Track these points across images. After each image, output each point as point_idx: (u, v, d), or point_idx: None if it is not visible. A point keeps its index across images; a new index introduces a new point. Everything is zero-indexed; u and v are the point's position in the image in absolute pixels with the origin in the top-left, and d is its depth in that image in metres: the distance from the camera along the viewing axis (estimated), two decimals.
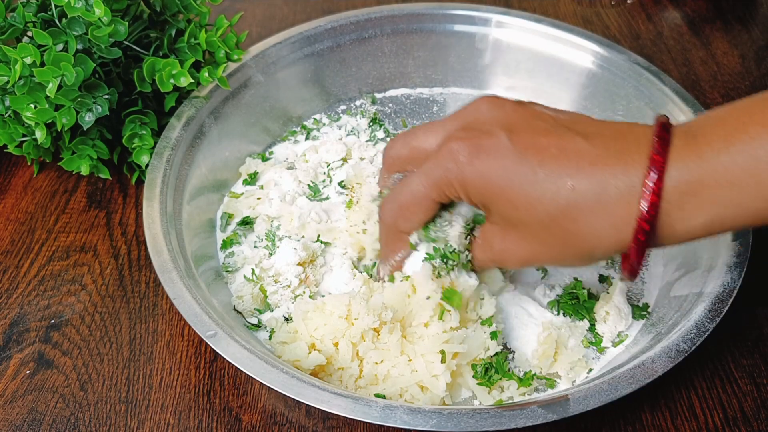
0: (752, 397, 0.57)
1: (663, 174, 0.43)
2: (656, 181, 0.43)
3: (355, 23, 0.79)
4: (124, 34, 0.65)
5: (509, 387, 0.55)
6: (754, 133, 0.41)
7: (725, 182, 0.42)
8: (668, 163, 0.43)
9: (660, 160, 0.43)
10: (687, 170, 0.43)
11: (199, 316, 0.53)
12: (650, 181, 0.43)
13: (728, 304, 0.54)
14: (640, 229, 0.44)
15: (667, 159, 0.43)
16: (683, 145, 0.43)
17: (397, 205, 0.54)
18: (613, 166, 0.44)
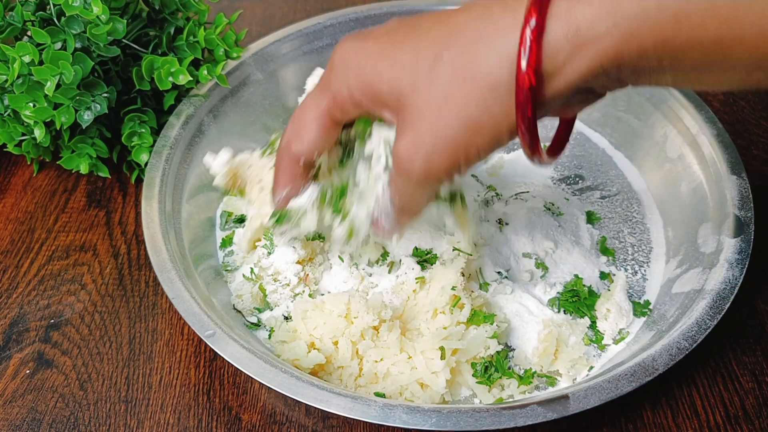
0: (754, 394, 0.56)
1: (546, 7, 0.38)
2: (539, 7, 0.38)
3: (354, 20, 0.79)
4: (123, 32, 0.65)
5: (509, 385, 0.55)
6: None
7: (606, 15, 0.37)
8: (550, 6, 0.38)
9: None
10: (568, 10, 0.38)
11: (198, 316, 0.52)
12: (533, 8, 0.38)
13: (730, 301, 0.54)
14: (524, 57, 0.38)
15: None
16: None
17: (292, 125, 0.50)
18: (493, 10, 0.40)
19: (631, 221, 0.69)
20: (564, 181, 0.72)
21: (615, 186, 0.72)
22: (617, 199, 0.71)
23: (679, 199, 0.66)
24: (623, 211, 0.69)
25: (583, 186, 0.72)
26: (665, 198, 0.68)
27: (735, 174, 0.62)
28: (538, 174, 0.73)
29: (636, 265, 0.65)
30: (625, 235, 0.67)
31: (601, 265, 0.64)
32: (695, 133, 0.66)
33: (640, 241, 0.67)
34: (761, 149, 0.75)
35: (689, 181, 0.66)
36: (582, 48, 0.38)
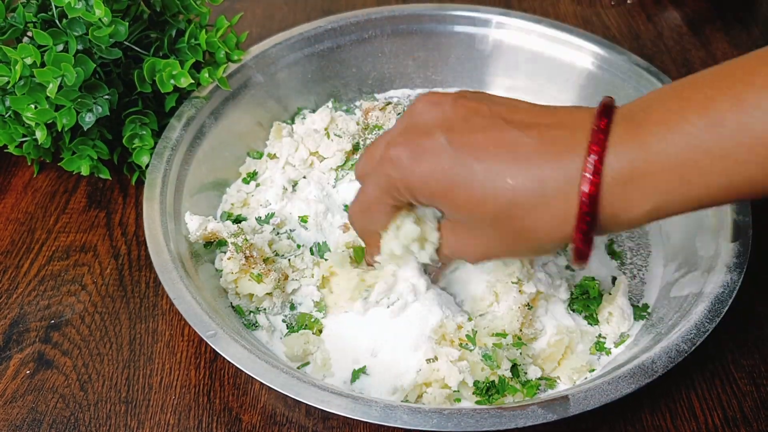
0: (752, 397, 0.57)
1: (602, 158, 0.41)
2: (595, 165, 0.41)
3: (355, 24, 0.79)
4: (125, 34, 0.65)
5: (514, 396, 0.55)
6: (694, 119, 0.40)
7: (666, 169, 0.41)
8: (608, 149, 0.42)
9: (599, 145, 0.42)
10: (627, 156, 0.41)
11: (200, 316, 0.53)
12: (590, 166, 0.42)
13: (728, 304, 0.54)
14: (581, 219, 0.43)
15: (607, 144, 0.42)
16: (623, 131, 0.42)
17: (359, 209, 0.55)
18: (551, 158, 0.43)
19: None
20: None
21: None
22: None
23: None
24: None
25: None
26: None
27: None
28: None
29: (635, 269, 0.65)
30: (623, 238, 0.68)
31: (613, 270, 0.65)
32: None
33: (639, 245, 0.67)
34: None
35: None
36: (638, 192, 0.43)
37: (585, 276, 0.62)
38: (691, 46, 0.92)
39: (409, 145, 0.48)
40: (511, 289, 0.58)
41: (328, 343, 0.58)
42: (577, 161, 0.42)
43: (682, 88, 0.42)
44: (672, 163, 0.41)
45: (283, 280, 0.60)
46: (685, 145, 0.40)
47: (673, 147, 0.40)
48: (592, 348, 0.59)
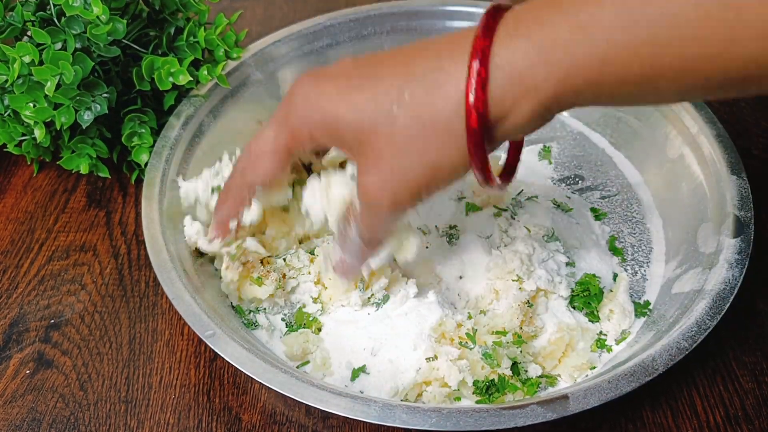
0: (754, 395, 0.56)
1: (487, 56, 0.41)
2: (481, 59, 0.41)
3: (354, 21, 0.79)
4: (123, 32, 0.65)
5: (514, 394, 0.55)
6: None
7: (556, 47, 0.40)
8: (493, 46, 0.41)
9: (482, 43, 0.41)
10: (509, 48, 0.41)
11: (198, 316, 0.53)
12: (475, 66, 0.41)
13: (729, 301, 0.54)
14: (471, 113, 0.41)
15: (493, 40, 0.41)
16: (510, 28, 0.41)
17: (246, 155, 0.53)
18: (445, 49, 0.43)
19: (631, 221, 0.69)
20: (564, 182, 0.72)
21: (615, 186, 0.72)
22: (617, 199, 0.71)
23: (678, 199, 0.66)
24: (623, 212, 0.69)
25: (583, 186, 0.72)
26: (665, 198, 0.69)
27: (735, 174, 0.62)
28: (538, 174, 0.73)
29: (636, 266, 0.65)
30: (625, 235, 0.67)
31: (615, 267, 0.64)
32: (695, 134, 0.66)
33: (640, 241, 0.67)
34: (761, 149, 0.75)
35: (689, 181, 0.66)
36: (525, 95, 0.41)
37: (586, 273, 0.62)
38: None
39: (314, 72, 0.49)
40: (511, 286, 0.58)
41: (328, 342, 0.58)
42: (464, 64, 0.42)
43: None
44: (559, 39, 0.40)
45: (282, 279, 0.60)
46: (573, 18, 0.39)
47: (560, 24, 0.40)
48: (593, 345, 0.59)
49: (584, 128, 0.77)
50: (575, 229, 0.65)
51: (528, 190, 0.68)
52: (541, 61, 0.40)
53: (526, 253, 0.60)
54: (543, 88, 0.41)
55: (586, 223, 0.67)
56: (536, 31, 0.40)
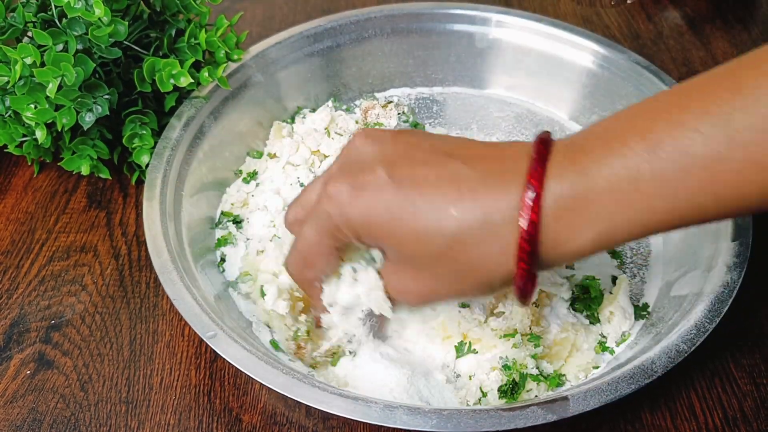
0: (752, 396, 0.57)
1: (541, 190, 0.41)
2: (534, 198, 0.41)
3: (355, 23, 0.79)
4: (124, 34, 0.65)
5: (538, 387, 0.55)
6: (633, 143, 0.40)
7: (608, 195, 0.40)
8: (546, 178, 0.41)
9: (537, 176, 0.41)
10: (568, 184, 0.41)
11: (199, 317, 0.53)
12: (528, 199, 0.41)
13: (728, 304, 0.54)
14: (521, 251, 0.42)
15: (545, 174, 0.41)
16: (563, 159, 0.42)
17: (298, 256, 0.52)
18: (494, 188, 0.43)
19: None
20: None
21: None
22: None
23: None
24: None
25: None
26: None
27: None
28: None
29: (635, 268, 0.65)
30: None
31: (613, 269, 0.65)
32: None
33: (639, 243, 0.67)
34: None
35: None
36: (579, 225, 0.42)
37: (586, 275, 0.62)
38: (692, 46, 0.91)
39: (349, 180, 0.46)
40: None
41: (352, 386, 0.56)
42: (518, 189, 0.41)
43: (623, 117, 0.42)
44: (612, 188, 0.40)
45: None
46: (625, 169, 0.40)
47: (613, 171, 0.40)
48: (597, 347, 0.59)
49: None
50: None
51: None
52: (581, 223, 0.41)
53: None
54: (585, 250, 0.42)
55: None
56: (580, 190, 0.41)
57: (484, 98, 0.82)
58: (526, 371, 0.55)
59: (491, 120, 0.80)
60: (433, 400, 0.54)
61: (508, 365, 0.55)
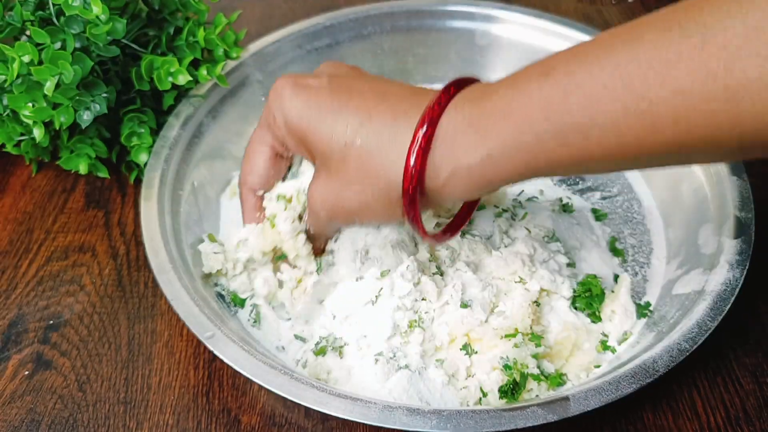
0: (755, 396, 0.56)
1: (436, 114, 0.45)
2: (426, 131, 0.45)
3: (354, 20, 0.79)
4: (122, 32, 0.65)
5: (539, 387, 0.55)
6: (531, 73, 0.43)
7: (499, 115, 0.43)
8: (446, 109, 0.45)
9: (437, 109, 0.45)
10: (465, 111, 0.45)
11: (197, 317, 0.52)
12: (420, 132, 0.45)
13: (730, 302, 0.54)
14: (407, 171, 0.46)
15: (444, 111, 0.45)
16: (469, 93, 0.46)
17: (246, 158, 0.57)
18: (398, 118, 0.47)
19: (632, 222, 0.68)
20: (564, 182, 0.72)
21: (615, 187, 0.72)
22: (618, 200, 0.70)
23: (679, 200, 0.66)
24: (624, 212, 0.69)
25: (583, 187, 0.72)
26: (666, 199, 0.68)
27: (735, 175, 0.62)
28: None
29: (636, 266, 0.65)
30: (625, 236, 0.67)
31: (616, 267, 0.64)
32: None
33: (641, 242, 0.67)
34: None
35: (690, 182, 0.65)
36: (457, 174, 0.45)
37: (587, 274, 0.62)
38: None
39: (294, 79, 0.52)
40: (516, 287, 0.58)
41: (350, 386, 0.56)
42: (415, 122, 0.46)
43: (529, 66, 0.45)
44: (504, 110, 0.43)
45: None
46: (517, 93, 0.43)
47: (506, 97, 0.43)
48: (598, 347, 0.58)
49: None
50: (576, 230, 0.65)
51: (528, 190, 0.68)
52: (475, 144, 0.44)
53: (527, 254, 0.59)
54: (475, 171, 0.45)
55: (587, 224, 0.67)
56: (476, 116, 0.44)
57: None
58: (527, 371, 0.54)
59: None
60: (432, 401, 0.53)
61: (508, 365, 0.54)
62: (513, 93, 0.43)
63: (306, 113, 0.50)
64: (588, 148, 0.41)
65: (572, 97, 0.40)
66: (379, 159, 0.47)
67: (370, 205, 0.49)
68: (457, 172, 0.45)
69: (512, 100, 0.43)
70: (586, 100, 0.40)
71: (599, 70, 0.40)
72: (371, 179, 0.48)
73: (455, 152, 0.45)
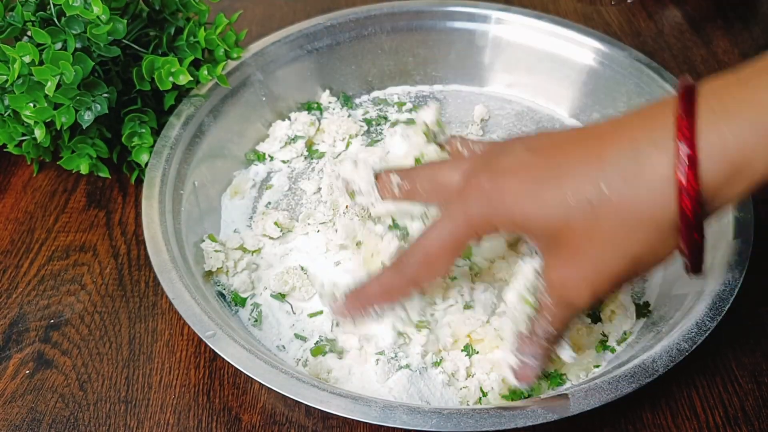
0: (753, 395, 0.56)
1: (694, 147, 0.39)
2: (687, 157, 0.39)
3: (354, 21, 0.79)
4: (123, 32, 0.65)
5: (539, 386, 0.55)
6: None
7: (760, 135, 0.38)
8: (697, 132, 0.39)
9: (687, 132, 0.39)
10: (719, 134, 0.39)
11: (198, 316, 0.52)
12: (683, 154, 0.39)
13: (729, 302, 0.54)
14: (682, 213, 0.40)
15: (695, 126, 0.39)
16: (707, 103, 0.40)
17: (422, 253, 0.49)
18: (638, 145, 0.41)
19: None
20: None
21: None
22: None
23: None
24: None
25: None
26: None
27: None
28: None
29: None
30: None
31: None
32: None
33: None
34: None
35: None
36: (737, 175, 0.39)
37: None
38: (692, 44, 0.91)
39: (490, 163, 0.46)
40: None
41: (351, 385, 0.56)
42: (667, 148, 0.39)
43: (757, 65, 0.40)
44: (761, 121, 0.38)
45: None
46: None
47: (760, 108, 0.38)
48: (598, 347, 0.59)
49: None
50: None
51: None
52: (754, 140, 0.38)
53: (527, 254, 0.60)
54: (758, 168, 0.39)
55: None
56: (746, 107, 0.39)
57: (485, 96, 0.81)
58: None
59: (492, 118, 0.79)
60: (433, 400, 0.53)
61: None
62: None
63: (523, 197, 0.44)
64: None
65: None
66: (636, 197, 0.41)
67: (638, 253, 0.43)
68: (735, 176, 0.39)
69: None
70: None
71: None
72: (634, 223, 0.41)
73: (729, 157, 0.39)
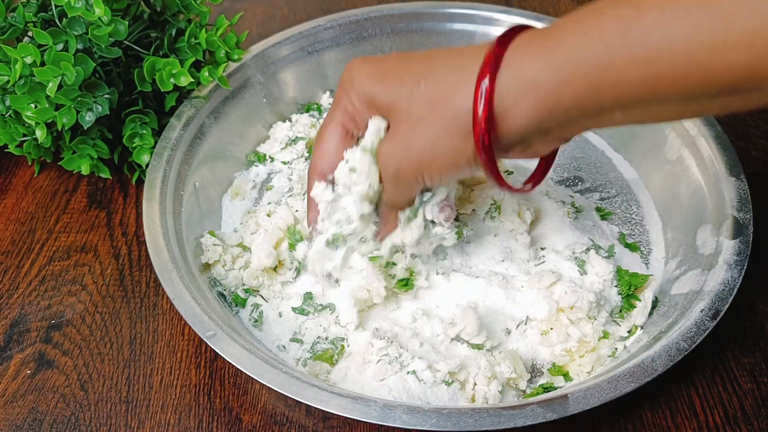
0: (753, 395, 0.56)
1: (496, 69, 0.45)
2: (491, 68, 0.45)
3: (354, 22, 0.79)
4: (124, 33, 0.65)
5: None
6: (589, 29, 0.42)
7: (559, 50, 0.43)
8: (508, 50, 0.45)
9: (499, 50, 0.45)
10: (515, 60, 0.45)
11: (199, 317, 0.53)
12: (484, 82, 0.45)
13: (728, 302, 0.54)
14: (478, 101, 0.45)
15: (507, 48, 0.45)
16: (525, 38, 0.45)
17: (316, 145, 0.58)
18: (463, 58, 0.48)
19: (631, 223, 0.69)
20: (563, 183, 0.72)
21: (614, 188, 0.72)
22: (616, 200, 0.71)
23: (678, 200, 0.67)
24: (622, 213, 0.70)
25: (582, 188, 0.72)
26: (664, 200, 0.69)
27: (734, 176, 0.62)
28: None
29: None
30: (624, 236, 0.67)
31: (639, 263, 0.65)
32: (694, 135, 0.66)
33: (639, 242, 0.67)
34: (760, 151, 0.75)
35: (688, 182, 0.66)
36: (526, 93, 0.44)
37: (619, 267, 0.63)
38: None
39: (363, 59, 0.54)
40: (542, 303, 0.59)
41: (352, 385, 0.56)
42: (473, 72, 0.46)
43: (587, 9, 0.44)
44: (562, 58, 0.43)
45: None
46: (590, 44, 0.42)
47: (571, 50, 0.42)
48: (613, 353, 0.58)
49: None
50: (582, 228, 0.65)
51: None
52: (544, 63, 0.43)
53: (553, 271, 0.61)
54: (544, 87, 0.43)
55: (597, 224, 0.67)
56: (543, 40, 0.44)
57: None
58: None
59: None
60: (433, 399, 0.54)
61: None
62: (584, 12, 0.42)
63: (375, 79, 0.52)
64: (657, 68, 0.40)
65: (647, 17, 0.39)
66: (445, 97, 0.47)
67: (439, 142, 0.48)
68: (526, 90, 0.44)
69: (582, 17, 0.42)
70: (661, 17, 0.39)
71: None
72: (439, 116, 0.48)
73: (522, 76, 0.44)
